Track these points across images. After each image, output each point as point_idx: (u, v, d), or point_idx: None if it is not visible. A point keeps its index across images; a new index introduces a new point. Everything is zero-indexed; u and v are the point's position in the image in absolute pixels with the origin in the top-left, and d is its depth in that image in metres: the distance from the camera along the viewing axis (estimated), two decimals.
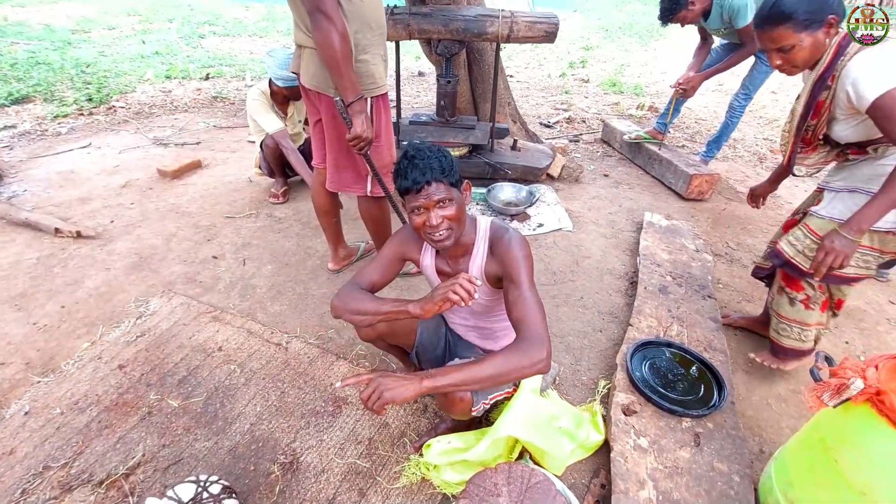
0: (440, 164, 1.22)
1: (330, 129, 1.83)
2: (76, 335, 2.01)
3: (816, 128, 1.55)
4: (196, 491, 1.28)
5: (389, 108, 1.91)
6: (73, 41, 7.23)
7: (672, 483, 1.39)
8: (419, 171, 1.21)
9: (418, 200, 1.23)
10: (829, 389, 1.08)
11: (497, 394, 1.38)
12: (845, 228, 1.47)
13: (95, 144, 3.95)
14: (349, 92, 1.61)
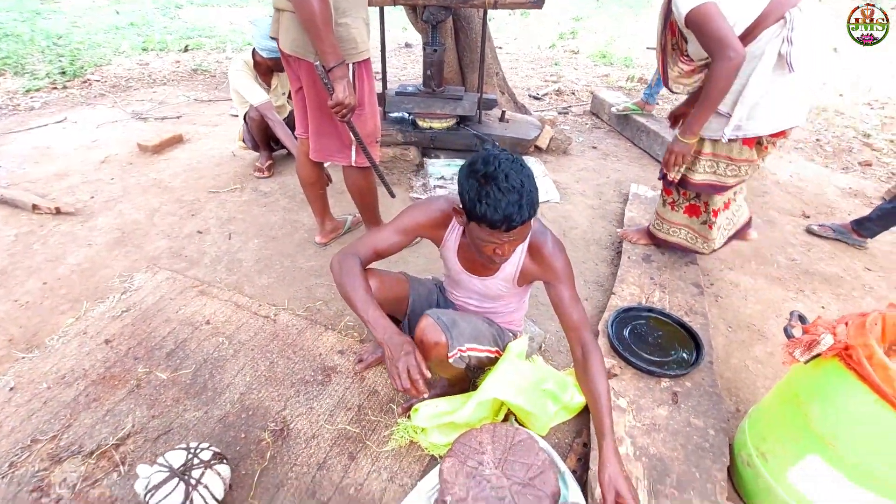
0: (533, 200, 1.08)
1: (311, 95, 1.79)
2: (60, 311, 1.99)
3: (678, 44, 1.76)
4: (186, 457, 1.29)
5: (373, 74, 1.87)
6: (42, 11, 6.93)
7: (649, 439, 1.45)
8: (515, 208, 1.05)
9: (501, 238, 1.11)
10: (800, 346, 1.12)
11: (475, 346, 1.39)
12: (680, 133, 1.81)
13: (71, 119, 3.83)
14: (330, 56, 1.56)
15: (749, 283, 2.29)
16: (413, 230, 1.37)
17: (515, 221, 1.07)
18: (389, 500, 1.36)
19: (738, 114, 1.70)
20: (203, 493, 1.24)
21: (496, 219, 1.06)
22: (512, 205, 1.05)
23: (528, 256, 1.33)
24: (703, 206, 2.06)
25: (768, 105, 1.70)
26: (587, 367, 1.25)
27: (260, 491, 1.38)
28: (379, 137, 2.00)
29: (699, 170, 1.91)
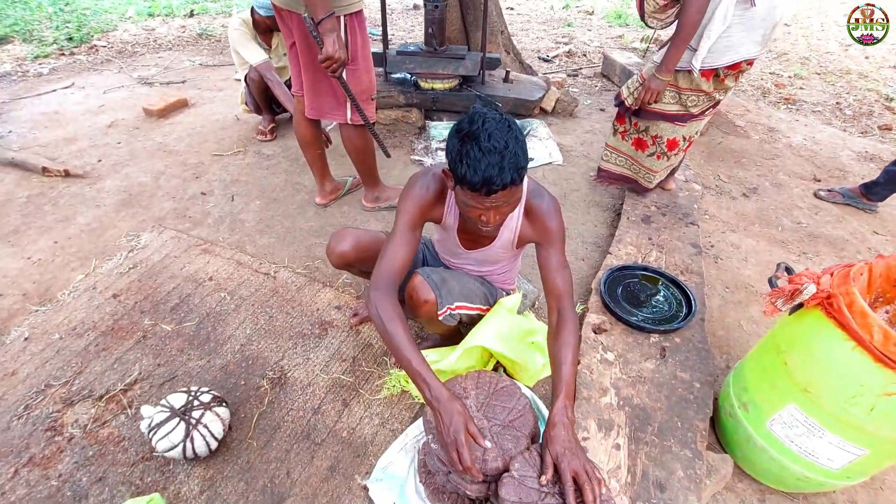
0: (517, 163, 1.00)
1: (303, 50, 1.77)
2: (70, 268, 2.07)
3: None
4: (187, 399, 1.36)
5: (366, 27, 1.84)
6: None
7: (634, 390, 1.47)
8: (496, 170, 0.98)
9: (482, 203, 1.05)
10: (783, 295, 1.11)
11: (465, 304, 1.41)
12: (657, 71, 1.95)
13: (78, 84, 3.86)
14: (318, 8, 1.53)
15: (751, 245, 2.26)
16: (415, 219, 1.25)
17: (496, 184, 0.99)
18: (380, 443, 1.42)
19: (705, 46, 1.82)
20: (203, 432, 1.32)
21: (475, 181, 1.00)
22: (492, 166, 0.98)
23: (525, 220, 1.28)
24: (650, 140, 2.20)
25: (724, 38, 1.81)
26: (558, 335, 1.20)
27: (258, 432, 1.45)
28: (374, 94, 1.98)
29: (666, 100, 2.06)
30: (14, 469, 1.35)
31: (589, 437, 1.35)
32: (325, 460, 1.38)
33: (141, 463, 1.37)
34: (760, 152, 3.08)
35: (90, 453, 1.39)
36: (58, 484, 1.32)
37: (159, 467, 1.36)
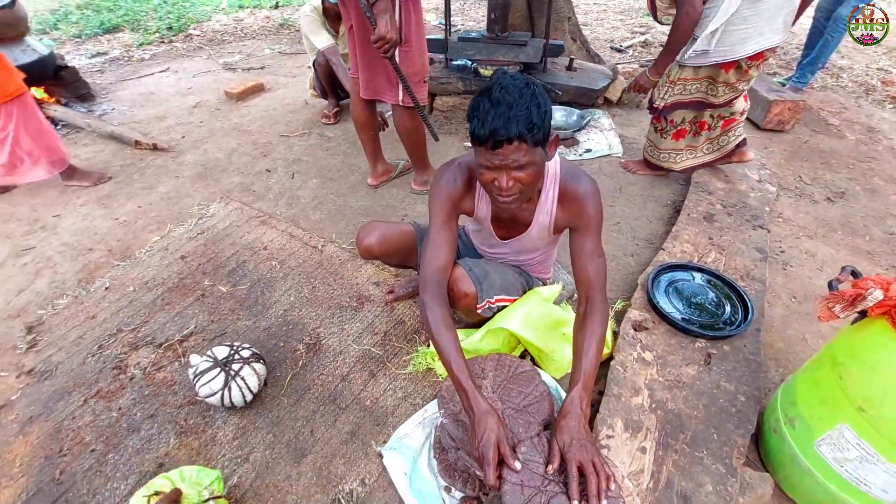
0: (528, 118, 0.97)
1: (359, 31, 1.83)
2: (149, 230, 2.30)
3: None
4: (229, 352, 1.47)
5: (421, 10, 1.85)
6: None
7: (669, 394, 1.38)
8: (501, 121, 0.96)
9: (492, 160, 1.02)
10: (843, 300, 0.99)
11: (504, 297, 1.40)
12: (649, 71, 2.22)
13: (173, 69, 4.25)
14: None
15: (828, 253, 2.02)
16: (451, 213, 1.25)
17: (500, 135, 0.96)
18: (400, 415, 1.45)
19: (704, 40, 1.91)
20: (240, 384, 1.42)
21: (482, 133, 0.98)
22: (499, 118, 0.96)
23: (560, 204, 1.23)
24: (688, 126, 2.25)
25: (742, 30, 1.85)
26: (584, 325, 1.14)
27: (290, 391, 1.54)
28: (427, 77, 2.00)
29: (691, 91, 2.11)
30: (84, 399, 1.53)
31: (613, 435, 1.29)
32: (346, 425, 1.43)
33: (187, 406, 1.50)
34: (854, 154, 2.74)
35: (146, 392, 1.55)
36: (117, 416, 1.48)
37: (201, 412, 1.49)
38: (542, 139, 1.02)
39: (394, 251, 1.54)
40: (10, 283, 2.00)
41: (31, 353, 1.70)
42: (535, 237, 1.34)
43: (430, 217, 1.25)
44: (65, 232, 2.29)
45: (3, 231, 2.31)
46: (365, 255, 1.58)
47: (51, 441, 1.42)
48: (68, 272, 2.06)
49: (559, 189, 1.22)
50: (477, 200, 1.28)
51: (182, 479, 1.17)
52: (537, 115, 0.98)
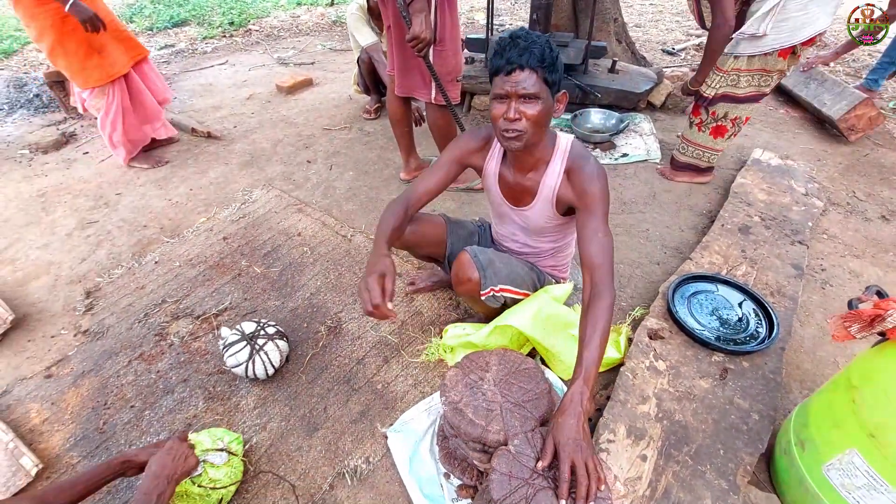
0: (541, 53, 1.10)
1: (396, 30, 1.89)
2: (197, 211, 2.48)
3: None
4: (256, 328, 1.58)
5: (457, 11, 1.89)
6: None
7: (678, 405, 1.36)
8: (517, 51, 1.09)
9: (504, 87, 1.12)
10: (860, 320, 0.95)
11: (511, 287, 1.42)
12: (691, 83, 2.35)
13: (231, 62, 4.51)
14: None
15: (876, 275, 1.90)
16: (455, 159, 1.40)
17: (513, 61, 1.09)
18: (408, 401, 1.51)
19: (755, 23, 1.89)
20: (263, 358, 1.53)
21: (498, 63, 1.12)
22: (515, 49, 1.10)
23: (566, 177, 1.28)
24: (730, 124, 2.21)
25: (803, 15, 1.83)
26: (588, 312, 1.14)
27: (309, 369, 1.63)
28: (460, 76, 2.04)
29: (742, 85, 2.08)
30: (128, 360, 1.69)
31: (615, 440, 1.29)
32: (357, 405, 1.51)
33: (216, 374, 1.63)
34: None
35: (182, 359, 1.69)
36: (155, 377, 1.63)
37: (228, 381, 1.61)
38: (551, 80, 1.14)
39: (424, 241, 1.58)
40: (75, 252, 2.23)
41: (87, 316, 1.88)
42: (539, 210, 1.37)
43: (440, 156, 1.44)
44: (124, 209, 2.51)
45: (73, 205, 2.56)
46: (397, 244, 1.59)
47: (98, 395, 1.58)
48: (124, 245, 2.26)
49: (566, 164, 1.28)
50: (488, 159, 1.40)
51: (208, 434, 1.28)
52: (549, 55, 1.11)
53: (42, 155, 3.07)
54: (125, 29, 2.58)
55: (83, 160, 3.00)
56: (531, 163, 1.30)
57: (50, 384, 1.63)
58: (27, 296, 2.00)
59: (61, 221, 2.44)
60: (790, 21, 1.86)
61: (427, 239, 1.59)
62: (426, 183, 1.40)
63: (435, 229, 1.61)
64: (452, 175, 1.43)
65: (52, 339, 1.80)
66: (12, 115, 3.60)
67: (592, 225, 1.20)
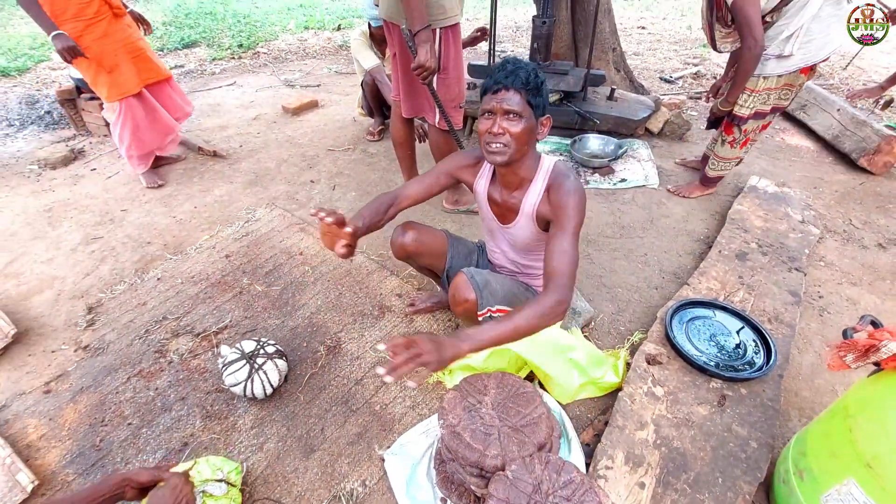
0: (526, 76, 1.20)
1: (402, 58, 1.95)
2: (200, 229, 2.51)
3: (725, 16, 2.08)
4: (255, 347, 1.59)
5: (460, 40, 1.96)
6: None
7: (676, 432, 1.36)
8: (504, 73, 1.21)
9: (491, 102, 1.23)
10: (855, 349, 0.96)
11: (507, 308, 1.44)
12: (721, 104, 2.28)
13: (239, 83, 4.61)
14: (416, 20, 1.69)
15: (872, 302, 1.91)
16: (447, 171, 1.49)
17: (500, 83, 1.20)
18: (406, 423, 1.50)
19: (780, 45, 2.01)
20: (262, 378, 1.53)
21: (488, 84, 1.23)
22: (503, 71, 1.21)
23: (546, 194, 1.34)
24: (753, 135, 2.32)
25: (824, 35, 1.94)
26: (532, 299, 1.20)
27: (307, 389, 1.63)
28: (462, 103, 2.10)
29: (770, 101, 2.18)
30: (127, 377, 1.70)
31: (612, 467, 1.29)
32: (355, 426, 1.50)
33: (214, 393, 1.63)
34: None
35: (181, 376, 1.69)
36: (153, 395, 1.63)
37: (226, 400, 1.61)
38: (535, 102, 1.22)
39: (425, 251, 1.62)
40: (79, 267, 2.25)
41: (88, 331, 1.89)
42: (523, 227, 1.43)
43: (434, 167, 1.52)
44: (129, 225, 2.54)
45: (79, 220, 2.59)
46: (398, 252, 1.63)
47: (95, 411, 1.58)
48: (128, 261, 2.28)
49: (548, 182, 1.33)
50: (478, 177, 1.48)
51: (207, 463, 1.28)
52: (534, 80, 1.21)
53: (50, 170, 3.12)
54: (145, 50, 2.64)
55: (91, 176, 3.04)
56: (516, 182, 1.37)
57: (48, 400, 1.63)
58: (29, 310, 2.01)
59: (66, 236, 2.47)
60: (815, 41, 1.95)
61: (428, 248, 1.63)
62: (416, 187, 1.48)
63: (437, 241, 1.65)
64: (442, 184, 1.51)
65: (53, 353, 1.81)
66: (23, 130, 3.67)
67: (560, 239, 1.22)
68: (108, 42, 2.40)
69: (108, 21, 2.38)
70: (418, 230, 1.62)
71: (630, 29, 6.37)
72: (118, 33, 2.45)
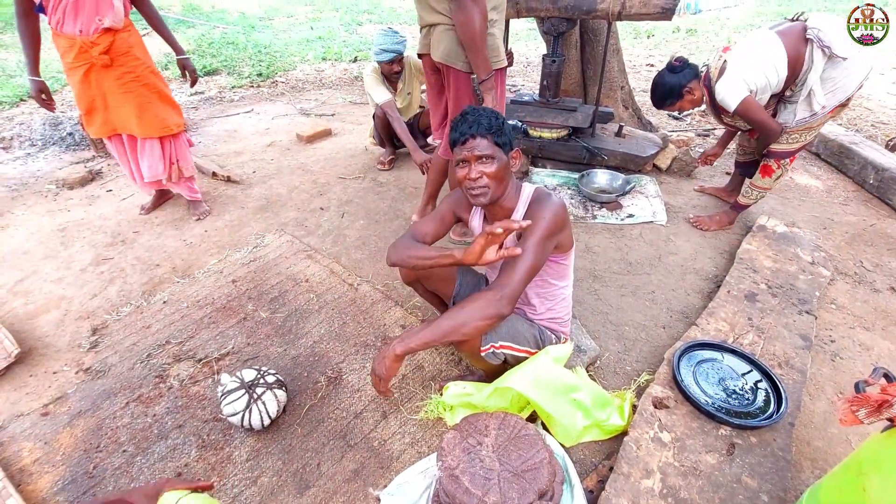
0: (488, 122, 1.30)
1: (455, 98, 2.04)
2: (209, 253, 2.54)
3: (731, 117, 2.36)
4: (256, 376, 1.58)
5: (505, 84, 2.07)
6: (257, 26, 8.61)
7: (684, 481, 1.31)
8: (467, 124, 1.30)
9: (462, 153, 1.32)
10: (867, 404, 0.93)
11: (511, 344, 1.42)
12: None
13: (256, 111, 4.75)
14: (482, 69, 1.82)
15: (886, 349, 1.86)
16: (448, 211, 1.55)
17: (465, 134, 1.29)
18: (404, 461, 1.47)
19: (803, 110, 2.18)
20: (260, 408, 1.51)
21: (454, 137, 1.32)
22: (465, 123, 1.30)
23: (525, 215, 1.39)
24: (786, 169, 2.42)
25: (833, 82, 2.07)
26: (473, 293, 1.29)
27: (305, 421, 1.61)
28: None
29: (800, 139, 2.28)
30: (126, 402, 1.68)
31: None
32: (352, 463, 1.47)
33: (211, 421, 1.61)
34: None
35: (179, 403, 1.67)
36: (150, 421, 1.61)
37: (223, 429, 1.58)
38: (501, 141, 1.32)
39: (434, 275, 1.64)
40: (87, 288, 2.27)
41: (91, 353, 1.90)
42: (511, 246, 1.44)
43: (436, 208, 1.58)
44: (140, 247, 2.58)
45: (91, 240, 2.64)
46: (407, 276, 1.64)
47: (91, 436, 1.56)
48: (135, 283, 2.30)
49: (528, 206, 1.39)
50: (472, 215, 1.56)
51: None
52: (494, 122, 1.31)
53: (68, 190, 3.20)
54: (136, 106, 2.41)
55: (106, 197, 3.11)
56: (502, 214, 1.43)
57: (45, 423, 1.62)
58: (35, 329, 2.03)
59: (78, 256, 2.51)
60: (839, 87, 2.07)
61: (438, 272, 1.64)
62: (427, 227, 1.54)
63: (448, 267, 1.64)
64: (448, 223, 1.57)
65: (54, 375, 1.81)
66: (45, 150, 3.78)
67: (522, 243, 1.29)
68: (86, 87, 2.34)
69: (88, 69, 2.29)
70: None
71: (639, 66, 6.51)
72: (104, 81, 2.34)
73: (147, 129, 2.50)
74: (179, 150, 2.68)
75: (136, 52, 2.37)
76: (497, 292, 1.23)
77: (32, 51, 2.29)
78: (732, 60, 2.12)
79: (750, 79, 2.09)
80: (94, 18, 2.20)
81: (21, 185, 3.27)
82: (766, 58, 2.07)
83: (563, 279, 1.53)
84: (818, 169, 3.36)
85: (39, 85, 2.35)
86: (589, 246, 2.53)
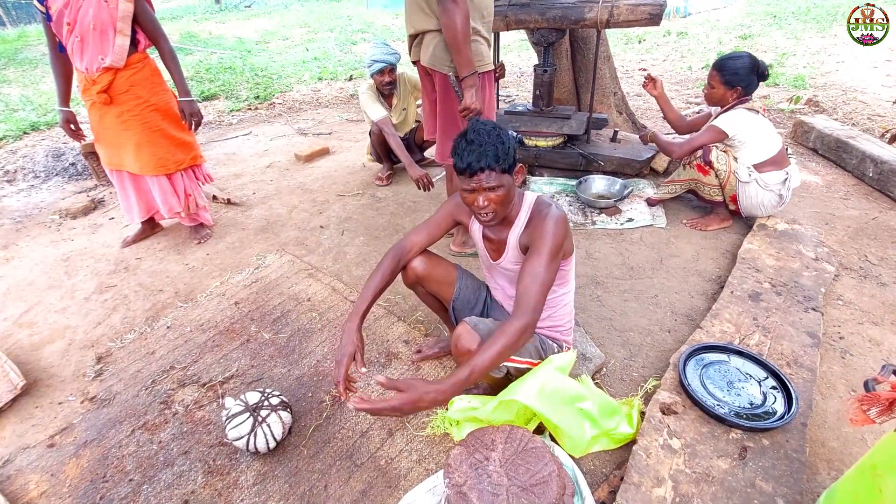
0: (495, 153, 1.25)
1: (442, 102, 2.09)
2: (212, 276, 2.55)
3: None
4: (260, 398, 1.57)
5: (493, 87, 2.09)
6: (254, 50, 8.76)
7: (696, 489, 1.29)
8: (475, 156, 1.25)
9: (470, 184, 1.30)
10: (878, 403, 0.92)
11: (514, 356, 1.41)
12: None
13: (254, 133, 4.80)
14: (464, 67, 1.86)
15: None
16: (447, 216, 1.55)
17: (473, 167, 1.25)
18: (412, 479, 1.45)
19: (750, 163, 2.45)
20: (265, 431, 1.50)
21: (461, 166, 1.27)
22: (472, 153, 1.24)
23: (526, 227, 1.40)
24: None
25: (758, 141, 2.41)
26: (502, 325, 1.23)
27: (311, 442, 1.59)
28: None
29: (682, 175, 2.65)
30: (132, 429, 1.68)
31: None
32: (359, 483, 1.45)
33: (217, 446, 1.60)
34: None
35: (185, 429, 1.67)
36: (156, 448, 1.60)
37: (229, 454, 1.57)
38: (507, 168, 1.29)
39: (434, 277, 1.63)
40: (91, 317, 2.28)
41: (96, 382, 1.90)
42: (511, 259, 1.47)
43: (435, 213, 1.57)
44: (143, 273, 2.59)
45: (94, 269, 2.65)
46: (408, 277, 1.63)
47: (97, 466, 1.56)
48: (139, 310, 2.31)
49: (530, 214, 1.41)
50: (472, 222, 1.54)
51: None
52: (502, 151, 1.26)
53: (70, 220, 3.23)
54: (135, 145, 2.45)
55: (108, 225, 3.14)
56: (504, 222, 1.44)
57: (52, 454, 1.61)
58: (40, 360, 2.03)
59: (81, 285, 2.52)
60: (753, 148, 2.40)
61: (438, 275, 1.64)
62: (420, 236, 1.54)
63: (446, 268, 1.67)
64: (445, 228, 1.57)
65: (60, 405, 1.81)
66: (48, 181, 3.83)
67: (532, 261, 1.28)
68: (93, 120, 2.46)
69: (93, 104, 2.38)
70: (430, 256, 1.64)
71: (632, 71, 6.55)
72: (105, 117, 2.41)
73: (144, 166, 2.52)
74: (192, 182, 2.73)
75: (138, 90, 2.39)
76: (521, 321, 1.21)
77: (62, 83, 2.42)
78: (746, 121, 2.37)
79: (741, 133, 2.37)
80: (96, 57, 2.27)
81: (25, 217, 3.30)
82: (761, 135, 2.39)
83: (564, 284, 1.52)
84: (817, 165, 3.35)
85: (67, 115, 2.47)
86: (590, 252, 2.52)
